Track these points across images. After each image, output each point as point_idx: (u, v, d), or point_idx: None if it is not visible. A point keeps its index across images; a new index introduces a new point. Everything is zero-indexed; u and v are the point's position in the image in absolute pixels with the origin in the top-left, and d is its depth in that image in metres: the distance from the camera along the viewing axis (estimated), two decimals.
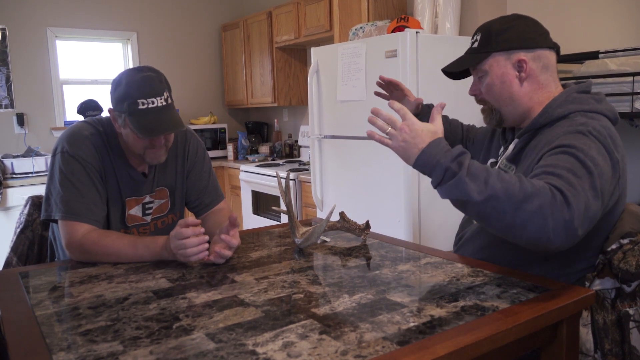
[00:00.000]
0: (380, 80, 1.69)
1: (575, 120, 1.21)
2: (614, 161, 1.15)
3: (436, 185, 1.08)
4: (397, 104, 1.14)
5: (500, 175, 1.04)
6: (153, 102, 1.44)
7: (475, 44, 1.36)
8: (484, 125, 1.68)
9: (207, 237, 1.36)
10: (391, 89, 1.71)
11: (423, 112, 1.67)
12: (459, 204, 1.07)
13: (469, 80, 1.44)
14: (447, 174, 1.05)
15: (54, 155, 1.51)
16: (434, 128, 1.12)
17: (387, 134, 1.13)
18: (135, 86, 1.44)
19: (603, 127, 1.19)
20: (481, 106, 1.42)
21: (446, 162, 1.05)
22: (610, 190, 1.15)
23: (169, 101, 1.49)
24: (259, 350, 0.87)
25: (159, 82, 1.47)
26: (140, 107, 1.43)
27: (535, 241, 1.03)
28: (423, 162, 1.08)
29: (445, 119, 1.71)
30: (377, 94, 1.73)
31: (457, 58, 1.42)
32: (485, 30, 1.34)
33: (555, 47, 1.33)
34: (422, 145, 1.09)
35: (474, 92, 1.41)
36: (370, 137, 1.15)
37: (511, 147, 1.36)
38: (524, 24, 1.32)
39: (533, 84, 1.31)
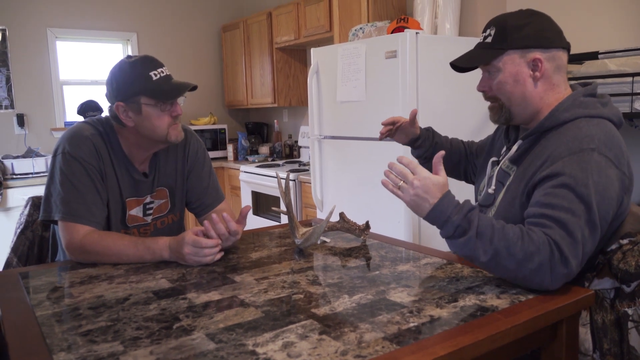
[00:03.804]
0: (381, 134, 1.67)
1: (581, 130, 1.20)
2: (622, 173, 1.18)
3: (446, 238, 1.16)
4: (405, 159, 1.20)
5: (504, 232, 1.11)
6: (162, 72, 1.52)
7: (489, 39, 1.31)
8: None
9: (220, 242, 1.41)
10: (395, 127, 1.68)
11: (422, 136, 1.66)
12: (466, 256, 1.15)
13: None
14: (458, 230, 1.13)
15: (54, 156, 1.51)
16: (443, 180, 1.17)
17: (399, 187, 1.19)
18: (139, 65, 1.49)
19: (608, 135, 1.19)
20: (489, 103, 1.38)
21: (457, 219, 1.12)
22: (614, 207, 1.17)
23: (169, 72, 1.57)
24: (259, 350, 0.87)
25: (154, 57, 1.54)
26: (155, 78, 1.49)
27: (535, 289, 1.13)
28: (434, 217, 1.15)
29: (445, 139, 1.71)
30: (382, 135, 1.69)
31: (467, 52, 1.37)
32: (500, 25, 1.30)
33: (568, 47, 1.32)
34: (433, 201, 1.14)
35: (483, 88, 1.36)
36: (384, 186, 1.21)
37: (514, 148, 1.35)
38: (541, 21, 1.29)
39: (545, 84, 1.29)
